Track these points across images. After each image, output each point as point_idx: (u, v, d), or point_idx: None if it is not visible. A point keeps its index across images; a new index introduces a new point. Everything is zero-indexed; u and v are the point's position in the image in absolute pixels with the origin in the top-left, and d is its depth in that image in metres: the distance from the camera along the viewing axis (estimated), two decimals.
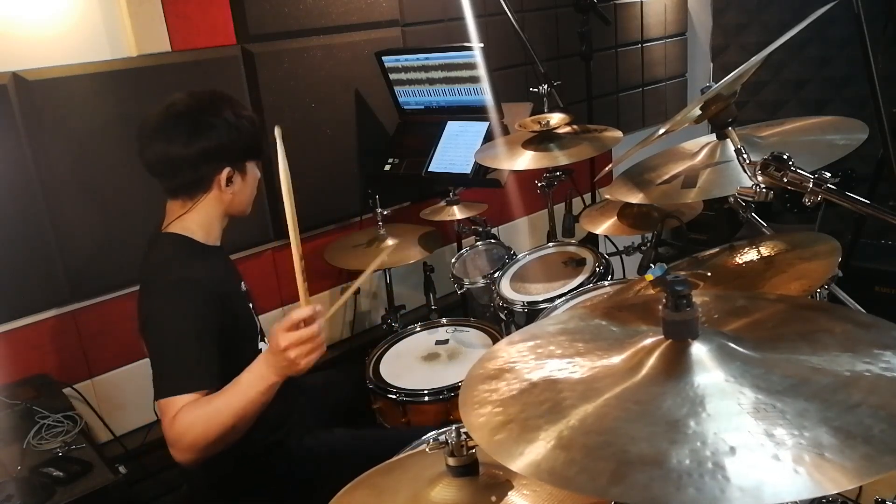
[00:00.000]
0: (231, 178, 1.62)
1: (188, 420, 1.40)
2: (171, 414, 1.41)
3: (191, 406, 1.41)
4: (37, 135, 2.03)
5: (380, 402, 2.07)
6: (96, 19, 2.13)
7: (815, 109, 3.80)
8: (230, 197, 1.64)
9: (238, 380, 1.43)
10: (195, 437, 1.40)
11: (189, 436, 1.40)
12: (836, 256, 1.39)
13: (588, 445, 0.75)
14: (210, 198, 1.63)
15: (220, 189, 1.62)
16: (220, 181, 1.61)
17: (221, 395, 1.43)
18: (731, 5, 3.93)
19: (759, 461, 0.68)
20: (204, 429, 1.40)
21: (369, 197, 2.55)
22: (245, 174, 1.67)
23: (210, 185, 1.61)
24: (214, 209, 1.65)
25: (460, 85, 2.58)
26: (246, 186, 1.68)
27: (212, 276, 1.59)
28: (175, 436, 1.40)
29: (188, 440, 1.40)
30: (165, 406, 1.43)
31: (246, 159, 1.66)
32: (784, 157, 1.21)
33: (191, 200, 1.62)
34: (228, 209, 1.67)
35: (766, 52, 1.35)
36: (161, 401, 1.44)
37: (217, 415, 1.40)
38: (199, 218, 1.63)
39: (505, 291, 2.17)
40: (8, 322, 2.07)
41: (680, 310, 0.84)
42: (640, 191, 1.57)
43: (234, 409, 1.40)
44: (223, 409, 1.41)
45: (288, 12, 2.49)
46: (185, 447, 1.40)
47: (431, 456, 1.08)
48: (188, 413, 1.40)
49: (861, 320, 0.92)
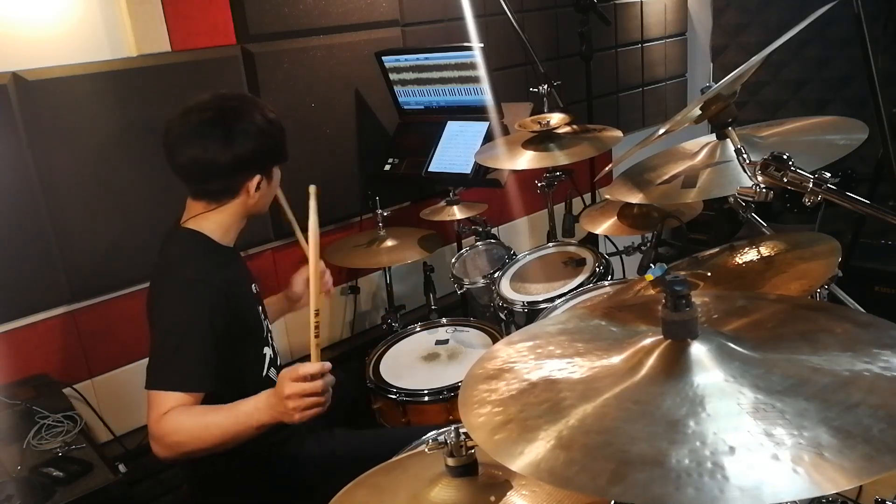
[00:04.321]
0: (259, 184, 1.63)
1: (176, 422, 1.42)
2: (160, 410, 1.43)
3: (183, 410, 1.44)
4: (37, 135, 2.03)
5: (380, 402, 2.07)
6: (96, 19, 2.13)
7: (815, 109, 3.80)
8: (255, 201, 1.65)
9: (236, 406, 1.46)
10: (178, 441, 1.43)
11: (173, 437, 1.42)
12: (836, 256, 1.39)
13: (588, 445, 0.75)
14: (235, 202, 1.64)
15: (249, 195, 1.63)
16: (249, 188, 1.62)
17: (216, 412, 1.45)
18: (731, 5, 3.94)
19: (758, 461, 0.68)
20: (189, 437, 1.43)
21: (369, 197, 2.55)
22: (271, 179, 1.68)
23: (239, 191, 1.62)
24: (237, 212, 1.66)
25: (460, 85, 2.58)
26: (270, 190, 1.70)
27: (224, 278, 1.60)
28: (159, 432, 1.43)
29: (171, 441, 1.42)
30: (154, 398, 1.45)
31: (274, 164, 1.67)
32: (784, 157, 1.21)
33: (215, 203, 1.63)
34: (249, 212, 1.68)
35: (766, 52, 1.35)
36: (151, 391, 1.46)
37: (206, 429, 1.43)
38: (219, 219, 1.64)
39: (505, 291, 2.17)
40: (8, 322, 2.07)
41: (679, 310, 0.84)
42: (640, 191, 1.57)
43: (223, 431, 1.44)
44: (212, 426, 1.44)
45: (288, 12, 2.49)
46: (166, 445, 1.43)
47: (431, 456, 1.08)
48: (178, 416, 1.43)
49: (861, 320, 0.92)
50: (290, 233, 2.63)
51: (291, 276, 2.05)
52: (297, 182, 2.73)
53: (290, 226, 1.90)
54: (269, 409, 1.43)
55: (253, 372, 1.70)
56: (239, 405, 1.46)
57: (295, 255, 2.66)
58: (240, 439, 1.45)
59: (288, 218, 1.89)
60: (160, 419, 1.42)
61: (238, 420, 1.44)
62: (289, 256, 2.65)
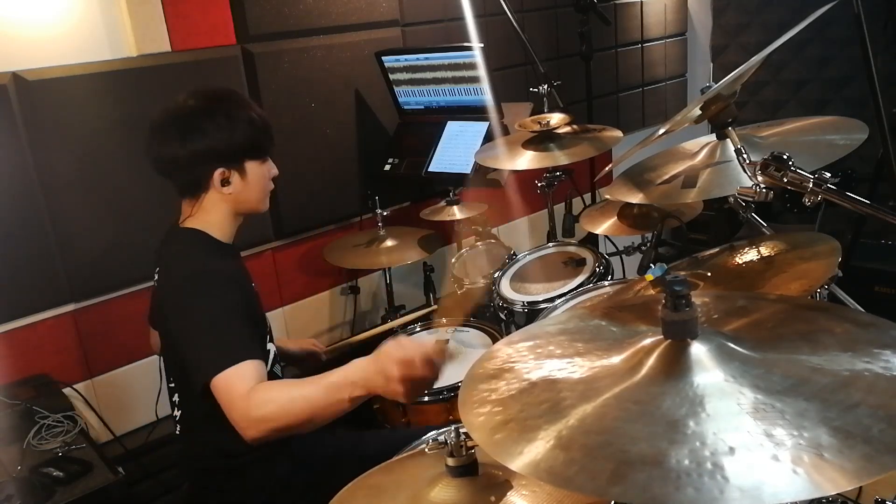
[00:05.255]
0: (228, 179, 1.62)
1: (267, 396, 1.38)
2: (243, 385, 1.37)
3: (269, 383, 1.41)
4: (37, 135, 2.03)
5: (380, 402, 2.07)
6: (96, 19, 2.13)
7: (815, 109, 3.80)
8: (232, 197, 1.64)
9: (324, 377, 1.41)
10: (268, 413, 1.37)
11: (263, 409, 1.37)
12: (836, 256, 1.38)
13: (587, 445, 0.75)
14: (211, 198, 1.63)
15: (217, 190, 1.62)
16: (214, 182, 1.61)
17: (302, 384, 1.42)
18: (731, 5, 3.94)
19: (758, 461, 0.68)
20: (278, 409, 1.37)
21: (369, 197, 2.55)
22: (245, 174, 1.66)
23: (207, 185, 1.62)
24: (221, 208, 1.65)
25: (460, 85, 2.58)
26: (248, 186, 1.67)
27: (233, 271, 1.61)
28: (248, 407, 1.36)
29: (261, 413, 1.36)
30: (229, 378, 1.39)
31: (245, 159, 1.66)
32: (784, 157, 1.21)
33: (195, 199, 1.63)
34: (236, 208, 1.66)
35: (766, 52, 1.35)
36: (220, 375, 1.40)
37: (293, 402, 1.39)
38: (209, 217, 1.64)
39: (505, 291, 2.17)
40: (8, 322, 2.07)
41: (679, 310, 0.84)
42: (640, 191, 1.57)
43: (312, 404, 1.39)
44: (299, 399, 1.39)
45: (288, 12, 2.49)
46: (256, 420, 1.37)
47: (431, 456, 1.08)
48: (267, 388, 1.40)
49: (861, 320, 0.92)
50: (289, 233, 2.65)
51: (293, 273, 2.04)
52: (298, 181, 2.72)
53: None
54: (366, 385, 1.38)
55: None
56: (326, 376, 1.40)
57: (295, 254, 2.66)
58: (330, 414, 1.40)
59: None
60: (247, 394, 1.37)
61: (328, 392, 1.39)
62: (289, 256, 2.65)
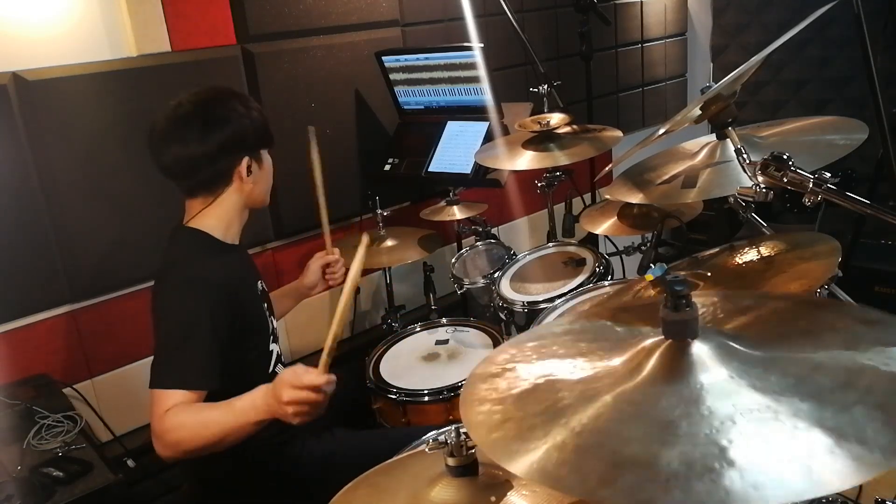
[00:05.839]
0: (250, 168, 1.63)
1: (178, 420, 1.42)
2: (163, 407, 1.43)
3: (184, 408, 1.43)
4: (37, 135, 2.03)
5: (380, 402, 2.07)
6: (96, 19, 2.13)
7: (815, 109, 3.80)
8: (250, 187, 1.66)
9: (233, 402, 1.45)
10: (180, 439, 1.42)
11: (174, 435, 1.42)
12: (836, 256, 1.39)
13: (581, 446, 0.74)
14: (231, 191, 1.64)
15: (241, 180, 1.63)
16: (240, 172, 1.62)
17: (215, 409, 1.45)
18: (731, 5, 3.94)
19: (757, 461, 0.68)
20: (190, 434, 1.42)
21: (369, 197, 2.55)
22: (262, 163, 1.68)
23: (230, 177, 1.63)
24: (235, 203, 1.66)
25: (460, 85, 2.58)
26: (263, 175, 1.70)
27: (227, 276, 1.60)
28: (162, 430, 1.42)
29: (172, 438, 1.42)
30: (158, 397, 1.45)
31: (261, 147, 1.68)
32: (784, 157, 1.21)
33: (211, 196, 1.64)
34: (248, 201, 1.68)
35: (766, 52, 1.35)
36: (156, 390, 1.46)
37: (205, 426, 1.43)
38: (219, 214, 1.65)
39: (505, 291, 2.17)
40: (8, 322, 2.07)
41: (679, 310, 0.84)
42: (640, 191, 1.57)
43: (221, 428, 1.43)
44: (211, 423, 1.43)
45: (288, 12, 2.49)
46: (167, 444, 1.43)
47: (431, 456, 1.08)
48: (179, 413, 1.43)
49: (864, 317, 0.91)
50: (289, 233, 2.65)
51: (293, 273, 2.05)
52: (298, 181, 2.73)
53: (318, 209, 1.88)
54: (266, 408, 1.42)
55: (259, 368, 1.70)
56: (235, 402, 1.45)
57: (295, 254, 2.66)
58: (239, 436, 1.45)
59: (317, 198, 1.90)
60: (162, 417, 1.42)
61: (236, 416, 1.43)
62: (289, 256, 2.65)
